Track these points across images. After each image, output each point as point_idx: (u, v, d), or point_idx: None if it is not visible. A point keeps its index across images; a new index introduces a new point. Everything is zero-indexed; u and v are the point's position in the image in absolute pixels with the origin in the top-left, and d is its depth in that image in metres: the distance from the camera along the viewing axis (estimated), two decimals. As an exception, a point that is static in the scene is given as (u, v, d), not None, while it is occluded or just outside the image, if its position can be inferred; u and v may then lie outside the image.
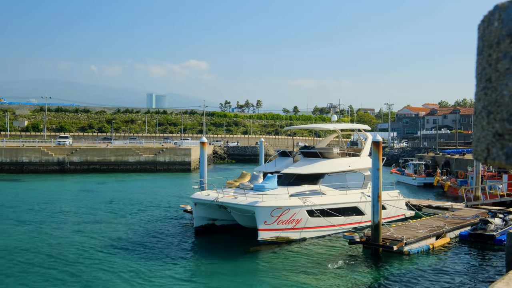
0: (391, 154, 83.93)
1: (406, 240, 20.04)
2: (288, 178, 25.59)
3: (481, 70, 1.40)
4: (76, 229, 25.68)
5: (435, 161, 58.39)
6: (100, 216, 29.81)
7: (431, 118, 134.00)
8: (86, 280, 16.88)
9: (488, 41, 1.35)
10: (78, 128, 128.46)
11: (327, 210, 23.95)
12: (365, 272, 18.14)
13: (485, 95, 1.36)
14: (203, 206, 24.12)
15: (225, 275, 17.70)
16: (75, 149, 65.60)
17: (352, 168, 27.30)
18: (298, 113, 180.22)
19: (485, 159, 1.37)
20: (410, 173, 53.04)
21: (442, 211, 28.74)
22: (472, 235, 22.52)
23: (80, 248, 21.33)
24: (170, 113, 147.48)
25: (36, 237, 23.74)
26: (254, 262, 19.60)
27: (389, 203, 27.52)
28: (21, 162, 62.25)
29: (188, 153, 67.99)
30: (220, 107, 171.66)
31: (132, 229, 25.58)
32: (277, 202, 22.50)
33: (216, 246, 22.19)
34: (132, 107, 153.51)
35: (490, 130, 1.33)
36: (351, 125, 36.87)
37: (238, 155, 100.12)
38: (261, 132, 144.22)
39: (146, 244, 22.23)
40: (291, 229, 22.78)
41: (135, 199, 37.64)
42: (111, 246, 21.73)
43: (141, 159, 66.31)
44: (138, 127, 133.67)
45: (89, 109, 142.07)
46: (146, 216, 29.66)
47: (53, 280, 16.89)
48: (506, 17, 1.28)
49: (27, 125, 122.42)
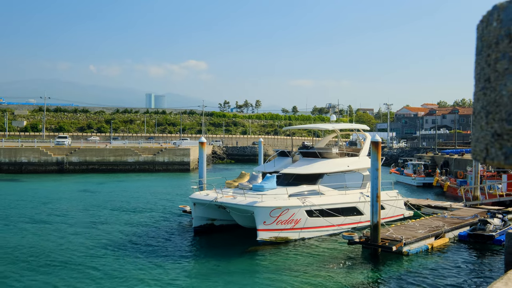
0: (390, 154, 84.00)
1: (405, 241, 20.04)
2: (287, 178, 25.59)
3: (480, 70, 1.40)
4: (75, 229, 25.66)
5: (434, 161, 58.42)
6: (99, 217, 29.79)
7: (430, 118, 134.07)
8: (85, 280, 16.87)
9: (487, 41, 1.35)
10: (77, 128, 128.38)
11: (326, 210, 23.96)
12: (364, 272, 18.15)
13: (484, 95, 1.36)
14: (202, 206, 24.12)
15: (224, 275, 17.70)
16: (74, 149, 65.56)
17: (351, 168, 27.31)
18: (297, 113, 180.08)
19: (484, 159, 1.37)
20: (409, 173, 53.10)
21: (441, 211, 28.75)
22: (471, 235, 22.52)
23: (79, 248, 21.31)
24: (169, 113, 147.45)
25: (34, 237, 23.71)
26: (253, 262, 19.60)
27: (388, 203, 27.53)
28: (20, 162, 62.20)
29: (187, 153, 67.97)
30: (219, 107, 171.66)
31: (131, 229, 25.57)
32: (276, 202, 22.50)
33: (215, 246, 22.17)
34: (131, 107, 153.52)
35: (489, 130, 1.33)
36: (350, 125, 36.86)
37: (237, 155, 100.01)
38: (260, 132, 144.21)
39: (145, 244, 22.22)
40: (290, 229, 22.78)
41: (134, 199, 37.62)
42: (109, 246, 21.71)
43: (140, 159, 66.28)
44: (137, 127, 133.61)
45: (88, 109, 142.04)
46: (144, 216, 29.65)
47: (52, 280, 16.87)
48: (504, 17, 1.28)
49: (26, 125, 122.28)
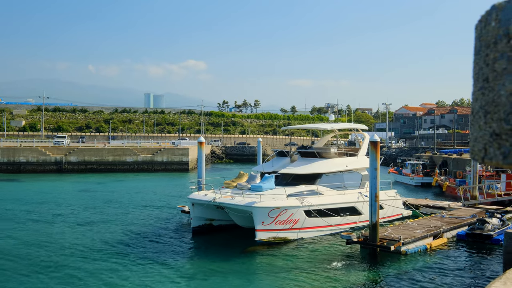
0: (389, 154, 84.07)
1: (404, 240, 20.04)
2: (285, 178, 25.58)
3: (478, 70, 1.40)
4: (74, 229, 25.65)
5: (432, 161, 58.49)
6: (97, 216, 29.77)
7: (428, 118, 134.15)
8: (84, 280, 16.85)
9: (486, 41, 1.35)
10: (75, 128, 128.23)
11: (325, 210, 23.95)
12: (362, 272, 18.16)
13: (483, 95, 1.36)
14: (200, 207, 24.10)
15: (222, 275, 17.70)
16: (73, 149, 65.52)
17: (349, 168, 27.31)
18: (296, 113, 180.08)
19: (482, 159, 1.37)
20: (408, 172, 53.15)
21: (439, 211, 28.76)
22: (469, 235, 22.54)
23: (78, 248, 21.30)
24: (168, 113, 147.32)
25: (33, 237, 23.68)
26: (252, 263, 19.60)
27: (387, 203, 27.55)
28: (18, 162, 62.13)
29: (186, 153, 67.95)
30: (218, 107, 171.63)
31: (130, 230, 25.55)
32: (274, 202, 22.49)
33: (214, 247, 22.17)
34: (130, 107, 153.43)
35: (487, 130, 1.33)
36: (348, 125, 36.91)
37: (236, 155, 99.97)
38: (259, 132, 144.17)
39: (143, 244, 22.22)
40: (289, 229, 22.77)
41: (132, 199, 37.60)
42: (108, 246, 21.70)
43: (139, 159, 66.25)
44: (136, 127, 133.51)
45: (86, 109, 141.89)
46: (143, 216, 29.63)
47: (50, 281, 16.85)
48: (503, 17, 1.28)
49: (24, 125, 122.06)
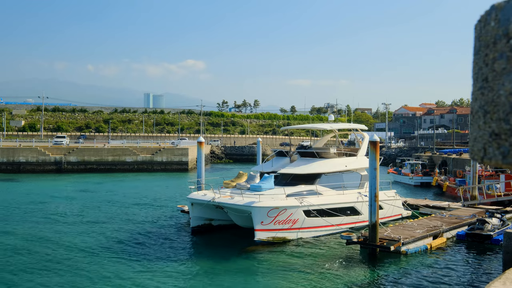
0: (388, 154, 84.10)
1: (403, 240, 20.04)
2: (285, 178, 25.59)
3: (477, 69, 1.40)
4: (73, 229, 25.63)
5: (432, 160, 58.53)
6: (97, 216, 29.76)
7: (428, 117, 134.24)
8: (82, 280, 16.85)
9: (485, 41, 1.35)
10: (75, 128, 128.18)
11: (324, 210, 23.95)
12: (362, 272, 18.16)
13: (482, 94, 1.36)
14: (200, 206, 24.11)
15: (222, 275, 17.69)
16: (72, 149, 65.49)
17: (349, 168, 27.32)
18: (295, 113, 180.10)
19: (482, 159, 1.37)
20: (407, 172, 53.17)
21: (439, 211, 28.77)
22: (469, 235, 22.54)
23: (77, 248, 21.29)
24: (168, 113, 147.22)
25: (32, 237, 23.67)
26: (251, 263, 19.58)
27: (386, 203, 27.56)
28: (18, 162, 62.10)
29: (185, 153, 67.93)
30: (218, 107, 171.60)
31: (129, 229, 25.55)
32: (274, 202, 22.49)
33: (213, 246, 22.16)
34: (129, 106, 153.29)
35: (486, 130, 1.33)
36: (348, 125, 36.96)
37: (236, 155, 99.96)
38: (259, 132, 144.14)
39: (143, 244, 22.21)
40: (288, 229, 22.77)
41: (132, 199, 37.58)
42: (107, 246, 21.69)
43: (138, 159, 66.23)
44: (136, 127, 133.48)
45: (86, 109, 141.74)
46: (143, 216, 29.63)
47: (50, 281, 16.84)
48: (502, 17, 1.28)
49: (23, 125, 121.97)
